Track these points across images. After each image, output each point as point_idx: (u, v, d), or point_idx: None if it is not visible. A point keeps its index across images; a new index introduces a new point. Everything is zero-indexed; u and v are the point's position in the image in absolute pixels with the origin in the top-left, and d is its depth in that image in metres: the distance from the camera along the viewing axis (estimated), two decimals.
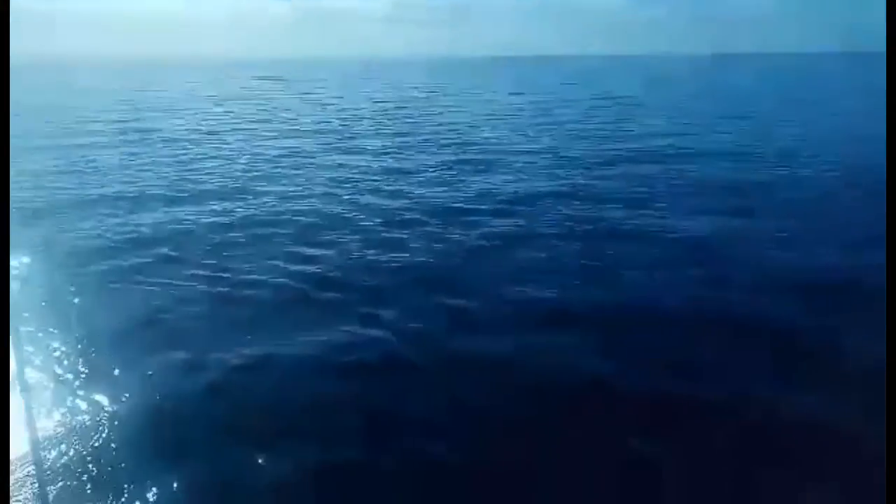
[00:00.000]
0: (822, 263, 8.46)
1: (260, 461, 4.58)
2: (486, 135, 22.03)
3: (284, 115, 30.67)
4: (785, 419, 5.10)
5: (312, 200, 12.39)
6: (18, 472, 4.15)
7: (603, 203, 11.75)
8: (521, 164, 15.94)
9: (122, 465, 4.50)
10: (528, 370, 5.88)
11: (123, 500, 4.16)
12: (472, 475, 4.53)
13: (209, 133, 23.53)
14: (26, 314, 6.68)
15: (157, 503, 4.13)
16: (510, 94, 45.71)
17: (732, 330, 6.62)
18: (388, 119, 27.92)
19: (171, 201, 12.37)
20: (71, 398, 5.26)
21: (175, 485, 4.28)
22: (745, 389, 5.50)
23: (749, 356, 6.06)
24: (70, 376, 5.59)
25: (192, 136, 22.48)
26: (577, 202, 11.87)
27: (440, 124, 25.41)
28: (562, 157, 17.12)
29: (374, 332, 6.61)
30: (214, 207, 11.80)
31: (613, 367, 5.86)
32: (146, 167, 16.28)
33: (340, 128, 24.81)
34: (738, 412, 5.20)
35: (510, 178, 14.37)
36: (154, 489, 4.23)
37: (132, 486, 4.26)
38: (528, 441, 4.89)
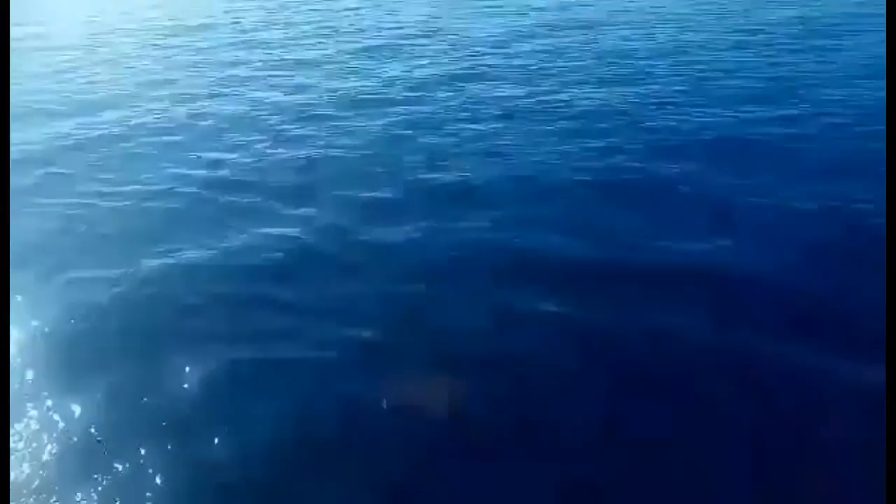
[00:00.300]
0: (712, 122, 8.89)
1: (184, 366, 4.66)
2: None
3: (173, 11, 27.98)
4: (684, 267, 5.53)
5: (211, 101, 11.73)
6: None
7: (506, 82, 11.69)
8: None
9: (41, 386, 4.51)
10: (442, 249, 6.10)
11: (46, 416, 4.21)
12: (395, 352, 4.79)
13: (89, 36, 21.35)
14: None
15: (81, 414, 4.21)
16: None
17: (631, 193, 7.02)
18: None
19: (55, 115, 11.41)
20: None
21: (98, 395, 4.36)
22: (644, 244, 5.90)
23: (648, 215, 6.45)
24: None
25: (71, 42, 20.36)
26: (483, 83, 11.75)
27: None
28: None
29: (289, 231, 6.62)
30: (104, 118, 10.97)
31: (520, 237, 6.20)
32: (20, 80, 14.77)
33: (233, 22, 22.97)
34: (640, 267, 5.59)
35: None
36: (77, 402, 4.29)
37: (54, 402, 4.31)
38: (446, 312, 5.19)
